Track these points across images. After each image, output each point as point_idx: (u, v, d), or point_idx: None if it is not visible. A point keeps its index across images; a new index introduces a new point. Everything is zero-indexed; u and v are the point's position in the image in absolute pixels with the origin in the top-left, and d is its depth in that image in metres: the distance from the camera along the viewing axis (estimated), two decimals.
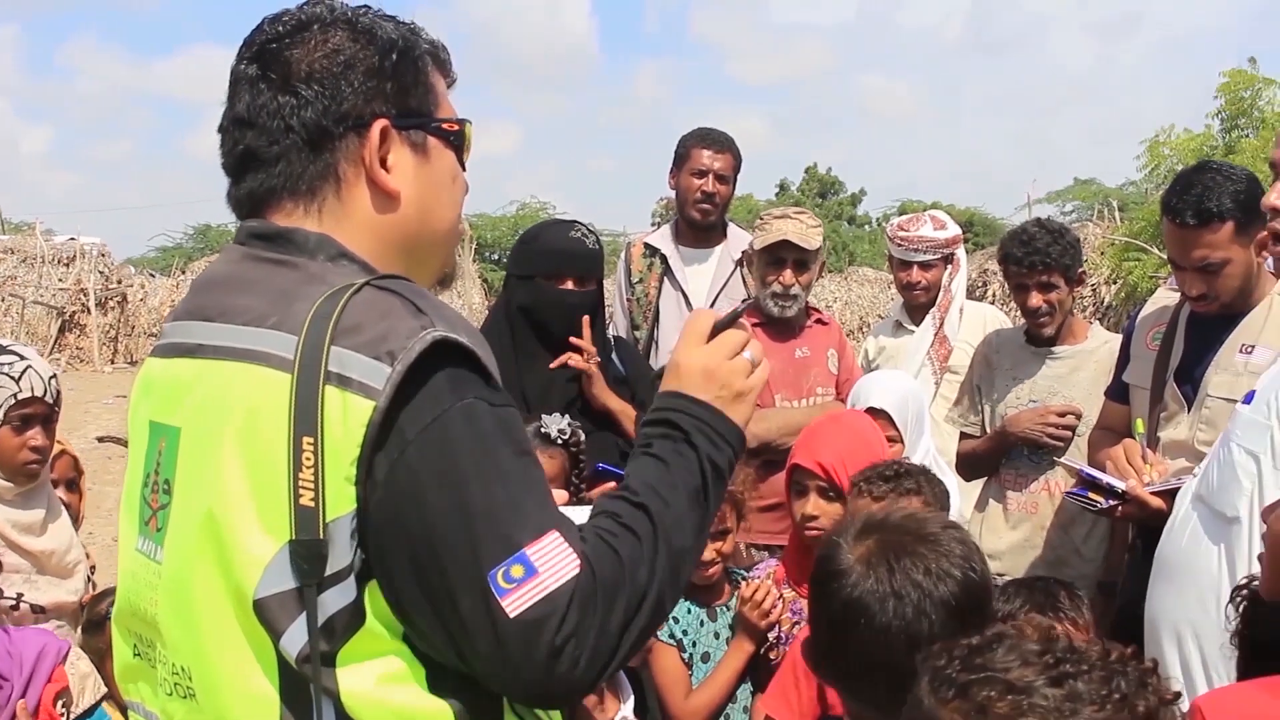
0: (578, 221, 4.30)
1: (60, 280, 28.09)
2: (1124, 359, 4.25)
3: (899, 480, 3.27)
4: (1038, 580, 3.49)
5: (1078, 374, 4.64)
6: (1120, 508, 3.73)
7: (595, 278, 4.27)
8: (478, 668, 1.63)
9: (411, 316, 1.65)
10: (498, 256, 37.29)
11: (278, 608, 1.61)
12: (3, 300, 26.86)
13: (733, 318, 1.98)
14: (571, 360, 4.08)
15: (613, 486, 1.95)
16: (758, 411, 2.11)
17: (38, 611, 3.62)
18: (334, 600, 1.61)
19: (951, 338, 5.35)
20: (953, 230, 5.40)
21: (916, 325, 5.43)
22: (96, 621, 3.58)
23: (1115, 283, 19.25)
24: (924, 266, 5.32)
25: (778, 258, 4.74)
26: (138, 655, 1.84)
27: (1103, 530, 4.50)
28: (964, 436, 4.93)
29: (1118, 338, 4.55)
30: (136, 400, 1.90)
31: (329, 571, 1.60)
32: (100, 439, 13.80)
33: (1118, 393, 4.25)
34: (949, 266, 5.38)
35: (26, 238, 29.76)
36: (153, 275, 34.03)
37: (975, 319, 5.47)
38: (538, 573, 1.58)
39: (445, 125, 1.90)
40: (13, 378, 3.56)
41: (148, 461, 1.81)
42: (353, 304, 1.65)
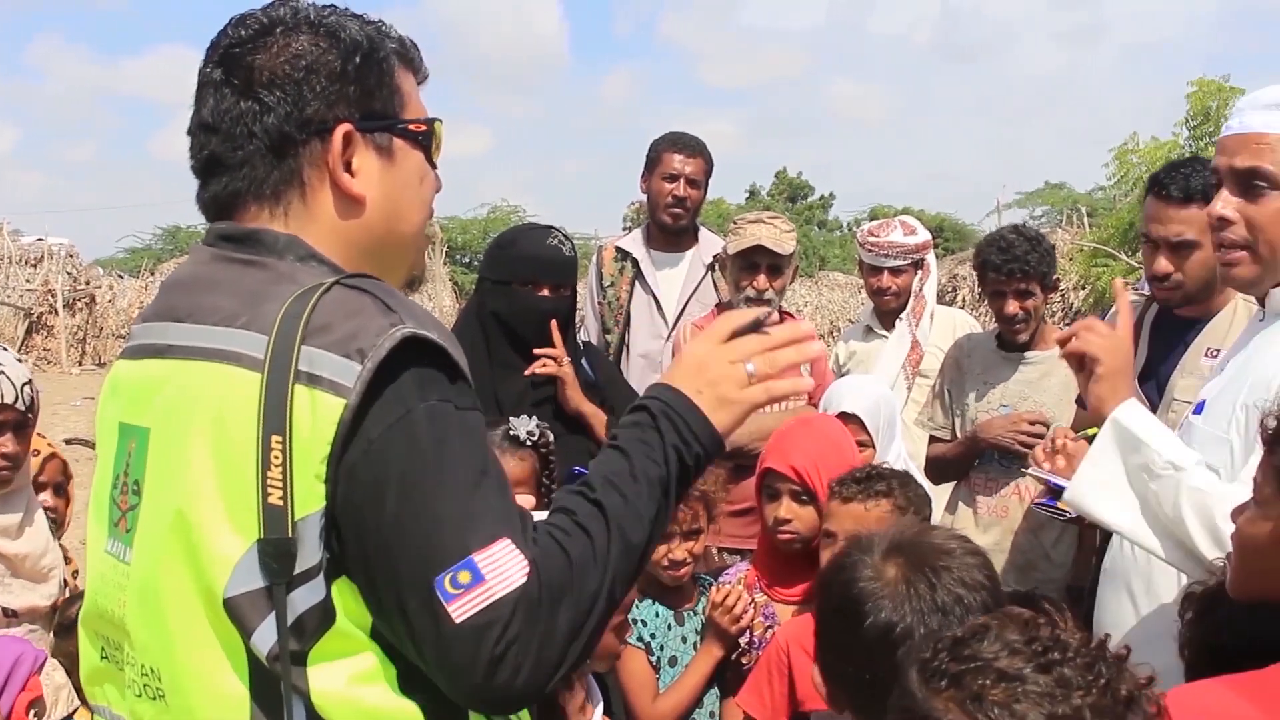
0: (554, 227, 4.30)
1: (28, 281, 27.96)
2: None
3: (869, 483, 3.27)
4: (1013, 594, 3.50)
5: (1048, 379, 4.66)
6: None
7: (571, 284, 4.29)
8: (427, 669, 1.63)
9: (381, 314, 1.65)
10: (469, 259, 37.26)
11: (248, 606, 1.61)
12: None
13: (754, 325, 1.95)
14: (546, 368, 4.09)
15: None
16: None
17: (10, 615, 3.60)
18: (303, 599, 1.61)
19: (923, 342, 5.37)
20: (923, 235, 5.42)
21: (887, 330, 5.44)
22: (68, 625, 3.55)
23: (1084, 288, 19.36)
24: (894, 272, 5.34)
25: (752, 262, 4.75)
26: (105, 658, 1.83)
27: (1072, 535, 4.52)
28: (933, 440, 4.95)
29: None
30: (105, 402, 1.89)
31: (298, 570, 1.60)
32: (68, 441, 13.68)
33: None
34: (919, 272, 5.40)
35: None
36: (121, 276, 33.88)
37: (946, 324, 5.49)
38: (485, 580, 1.58)
39: (412, 126, 1.89)
40: None
41: (117, 463, 1.81)
42: (323, 303, 1.65)
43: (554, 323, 4.11)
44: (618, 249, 5.57)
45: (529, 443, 3.48)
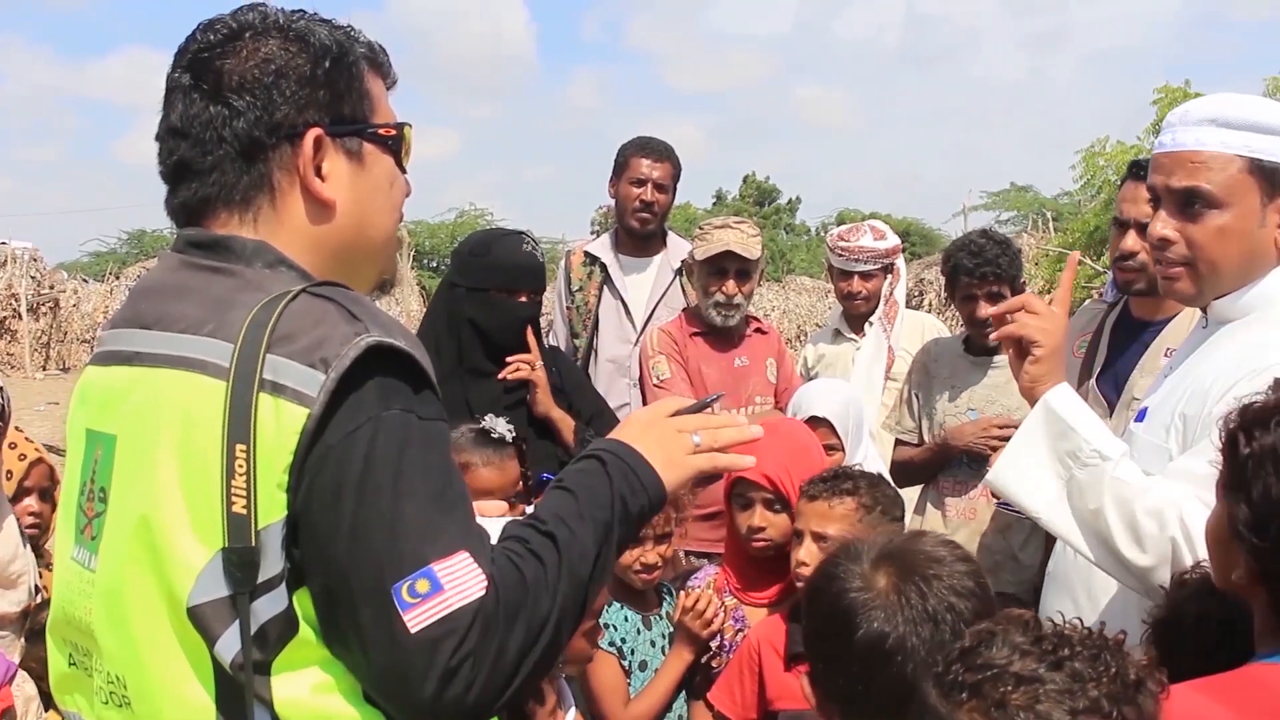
0: (523, 232, 4.32)
1: None
2: None
3: (835, 482, 3.29)
4: None
5: (1015, 383, 4.66)
6: None
7: (543, 289, 4.34)
8: (373, 682, 1.63)
9: (346, 323, 1.65)
10: (436, 264, 37.17)
11: (212, 615, 1.60)
12: None
13: (700, 406, 2.04)
14: (520, 372, 4.11)
15: None
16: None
17: None
18: (266, 608, 1.60)
19: (894, 346, 5.39)
20: (892, 240, 5.45)
21: (856, 334, 5.48)
22: (39, 631, 3.53)
23: (1049, 293, 19.45)
24: (864, 276, 5.37)
25: (720, 268, 4.79)
26: (73, 665, 1.82)
27: (1040, 537, 4.53)
28: (899, 444, 4.97)
29: None
30: (74, 409, 1.88)
31: (261, 579, 1.59)
32: None
33: None
34: (889, 276, 5.43)
35: None
36: (86, 281, 33.69)
37: (914, 327, 5.54)
38: (443, 589, 1.58)
39: (382, 130, 1.89)
40: None
41: (84, 470, 1.80)
42: (288, 311, 1.65)
43: (530, 330, 4.13)
44: (586, 253, 5.57)
45: (509, 439, 3.48)
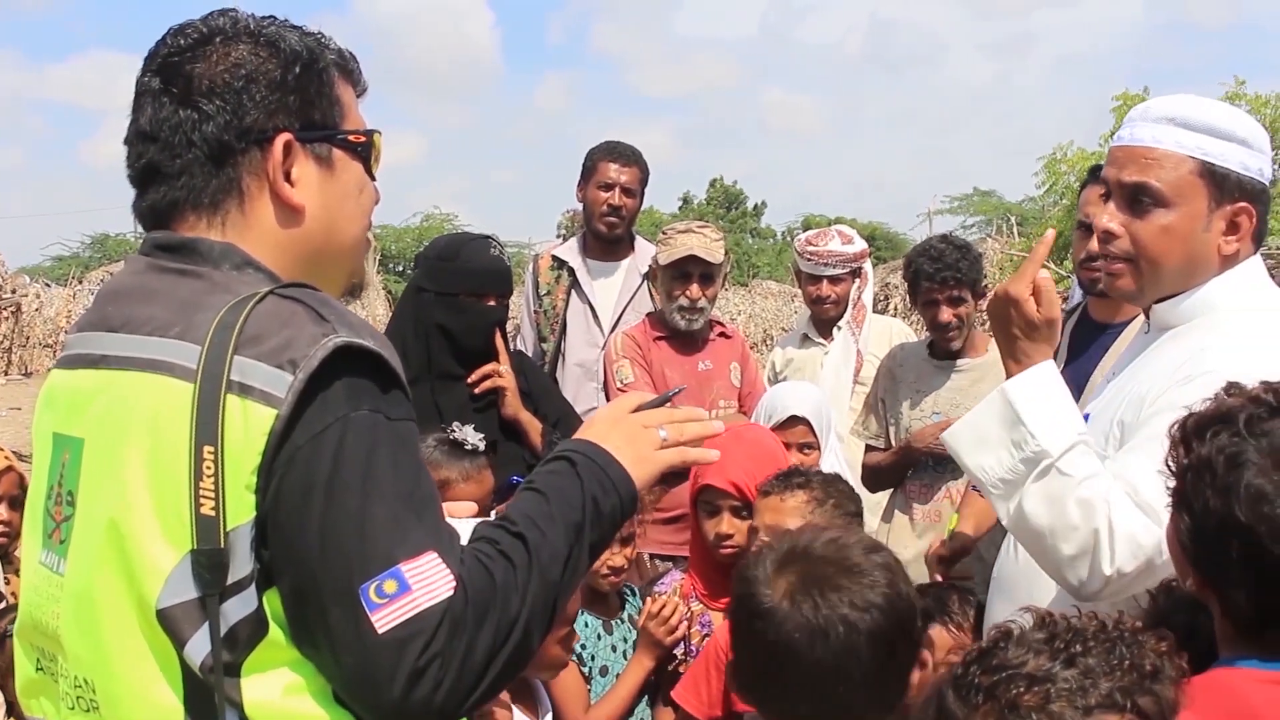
0: (490, 237, 4.34)
1: None
2: None
3: (788, 478, 3.31)
4: (930, 587, 3.55)
5: (979, 385, 4.70)
6: None
7: (510, 293, 4.37)
8: (341, 683, 1.63)
9: (314, 324, 1.65)
10: (402, 268, 37.12)
11: (181, 617, 1.60)
12: None
13: (661, 400, 2.07)
14: (489, 383, 4.13)
15: None
16: None
17: None
18: (236, 610, 1.60)
19: (863, 350, 5.42)
20: (859, 245, 5.48)
21: (824, 338, 5.50)
22: (4, 637, 3.50)
23: None
24: (833, 280, 5.39)
25: (684, 272, 4.81)
26: (40, 669, 1.81)
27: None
28: (869, 449, 5.00)
29: None
30: (40, 413, 1.88)
31: (230, 580, 1.59)
32: None
33: None
34: (856, 280, 5.46)
35: None
36: (48, 285, 33.39)
37: (882, 331, 5.56)
38: (411, 590, 1.58)
39: (351, 137, 1.89)
40: None
41: (51, 474, 1.79)
42: (255, 313, 1.65)
43: (497, 333, 4.15)
44: (554, 258, 5.57)
45: (480, 449, 3.48)
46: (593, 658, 3.53)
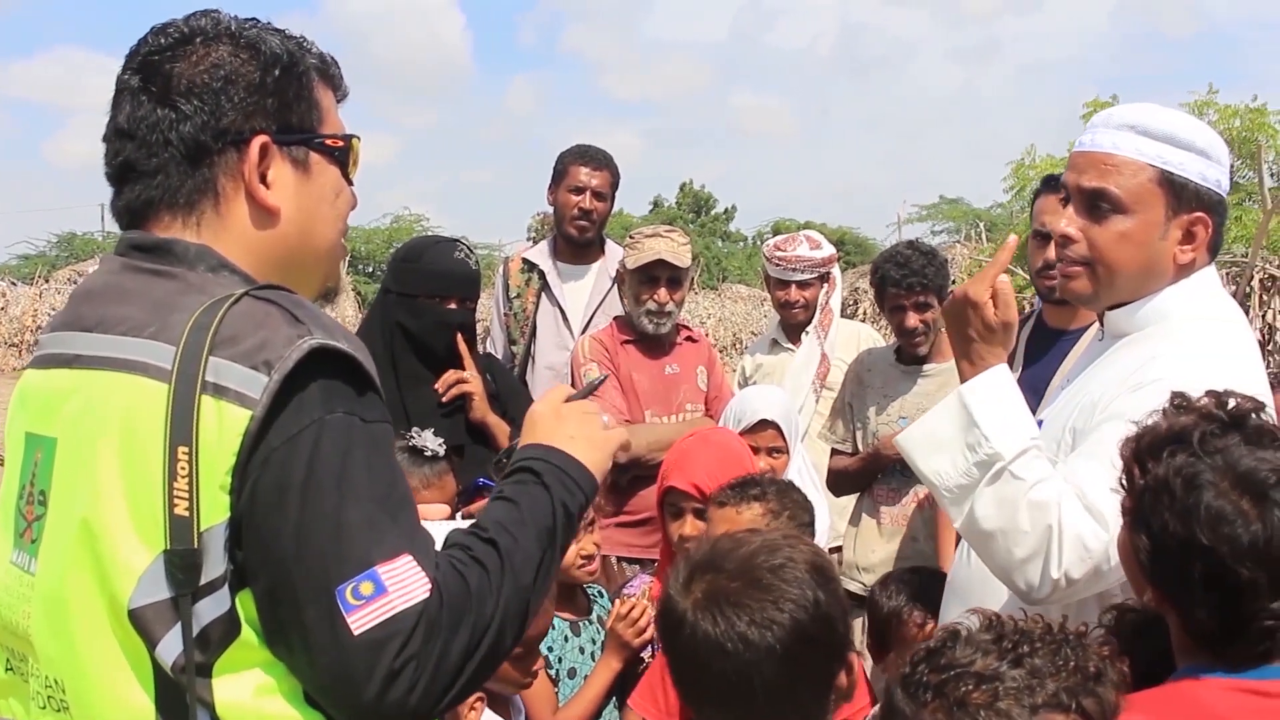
0: (458, 240, 4.33)
1: None
2: None
3: (744, 488, 3.32)
4: (915, 572, 3.59)
5: (945, 390, 4.66)
6: None
7: (476, 297, 4.34)
8: (315, 684, 1.63)
9: (288, 325, 1.66)
10: (372, 269, 37.02)
11: (153, 617, 1.60)
12: None
13: (586, 391, 2.11)
14: (456, 390, 4.12)
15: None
16: (629, 426, 2.15)
17: None
18: (208, 610, 1.60)
19: (830, 355, 5.44)
20: (828, 250, 5.50)
21: (793, 343, 5.51)
22: None
23: None
24: (801, 285, 5.41)
25: (651, 276, 4.82)
26: (10, 670, 1.81)
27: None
28: (835, 453, 5.01)
29: None
30: (13, 412, 1.87)
31: (203, 581, 1.60)
32: None
33: None
34: (825, 285, 5.48)
35: None
36: (14, 284, 33.21)
37: (850, 336, 5.57)
38: (387, 591, 1.59)
39: (329, 141, 1.90)
40: None
41: (23, 474, 1.79)
42: (231, 314, 1.66)
43: (460, 338, 4.14)
44: (524, 260, 5.58)
45: (440, 454, 3.47)
46: (560, 660, 3.53)
